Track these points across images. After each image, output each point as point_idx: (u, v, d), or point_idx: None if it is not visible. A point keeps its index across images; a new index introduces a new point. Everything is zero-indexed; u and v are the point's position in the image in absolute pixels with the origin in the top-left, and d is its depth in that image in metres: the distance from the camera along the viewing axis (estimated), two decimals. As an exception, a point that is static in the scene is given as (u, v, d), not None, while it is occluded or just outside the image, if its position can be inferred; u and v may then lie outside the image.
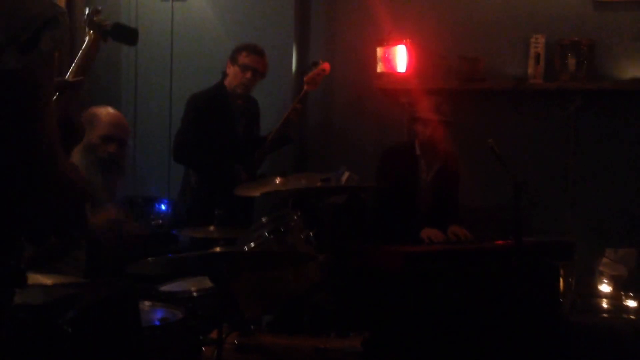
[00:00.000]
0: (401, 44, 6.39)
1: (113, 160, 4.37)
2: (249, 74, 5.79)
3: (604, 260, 5.96)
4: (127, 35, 3.28)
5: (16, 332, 3.60)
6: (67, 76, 2.72)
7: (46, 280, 3.63)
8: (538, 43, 6.30)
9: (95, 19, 2.96)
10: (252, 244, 4.03)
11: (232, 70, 5.83)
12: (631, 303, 5.59)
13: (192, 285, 4.42)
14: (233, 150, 5.79)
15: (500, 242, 5.36)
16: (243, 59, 5.79)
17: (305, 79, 6.02)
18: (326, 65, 6.08)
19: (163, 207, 5.83)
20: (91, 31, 2.96)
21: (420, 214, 5.69)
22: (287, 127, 5.94)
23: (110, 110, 4.47)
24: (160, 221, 5.21)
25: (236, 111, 5.90)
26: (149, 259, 3.44)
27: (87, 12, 2.94)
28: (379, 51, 6.45)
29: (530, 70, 6.35)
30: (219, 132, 5.77)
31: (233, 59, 5.83)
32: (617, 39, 6.37)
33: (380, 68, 6.48)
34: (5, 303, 2.41)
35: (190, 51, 6.72)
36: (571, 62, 6.21)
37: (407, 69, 6.41)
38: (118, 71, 6.90)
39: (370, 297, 5.12)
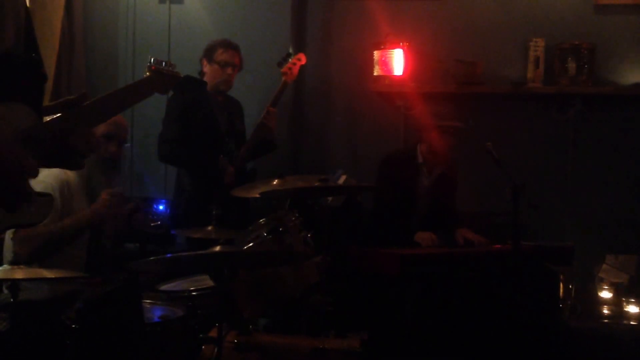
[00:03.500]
0: (398, 47, 6.38)
1: (114, 160, 4.52)
2: (229, 70, 5.84)
3: (604, 266, 5.94)
4: (196, 85, 3.32)
5: (22, 326, 3.65)
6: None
7: (50, 274, 3.70)
8: (537, 46, 6.31)
9: (167, 70, 2.94)
10: (251, 244, 4.01)
11: (210, 68, 5.86)
12: (632, 309, 5.56)
13: (191, 285, 4.46)
14: (216, 144, 5.80)
15: (498, 246, 5.38)
16: (220, 55, 5.83)
17: (281, 70, 6.01)
18: (301, 55, 6.11)
19: (161, 207, 5.82)
20: (158, 78, 2.94)
21: (418, 218, 5.71)
22: (264, 131, 5.91)
23: None
24: (159, 222, 5.21)
25: (217, 108, 5.90)
26: (150, 258, 3.44)
27: (152, 60, 2.92)
28: (376, 54, 6.45)
29: (529, 74, 6.36)
30: (202, 129, 5.78)
31: (209, 58, 5.86)
32: (618, 43, 6.39)
33: (377, 71, 6.47)
34: None
35: (186, 53, 6.70)
36: (571, 66, 6.22)
37: (404, 73, 6.40)
38: (116, 73, 6.92)
39: (368, 299, 5.14)
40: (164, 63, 2.93)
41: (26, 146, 2.17)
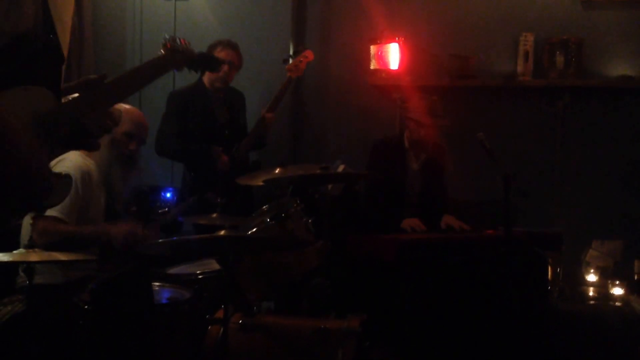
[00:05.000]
0: (394, 42, 6.50)
1: (132, 157, 4.61)
2: (225, 67, 5.94)
3: (591, 251, 6.09)
4: (211, 63, 3.40)
5: (36, 307, 3.77)
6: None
7: (63, 257, 3.79)
8: (527, 41, 6.42)
9: (181, 47, 3.03)
10: (255, 229, 4.11)
11: None
12: (617, 291, 5.71)
13: (198, 268, 4.53)
14: (213, 137, 5.96)
15: (490, 232, 5.49)
16: (218, 53, 5.92)
17: (287, 66, 6.15)
18: (308, 53, 6.23)
19: (168, 195, 5.97)
20: (173, 55, 3.02)
21: (409, 202, 5.84)
22: (262, 129, 6.07)
23: (134, 109, 4.70)
24: (167, 209, 5.33)
25: (216, 103, 6.06)
26: (159, 240, 3.58)
27: (167, 37, 3.00)
28: (373, 49, 6.58)
29: (519, 68, 6.48)
30: (199, 123, 5.96)
31: None
32: (605, 37, 6.49)
33: (373, 65, 6.59)
34: None
35: (191, 48, 6.84)
36: (559, 59, 6.33)
37: (399, 66, 6.52)
38: (124, 68, 6.97)
39: (366, 283, 5.25)
40: (178, 40, 3.04)
41: (43, 130, 2.20)
